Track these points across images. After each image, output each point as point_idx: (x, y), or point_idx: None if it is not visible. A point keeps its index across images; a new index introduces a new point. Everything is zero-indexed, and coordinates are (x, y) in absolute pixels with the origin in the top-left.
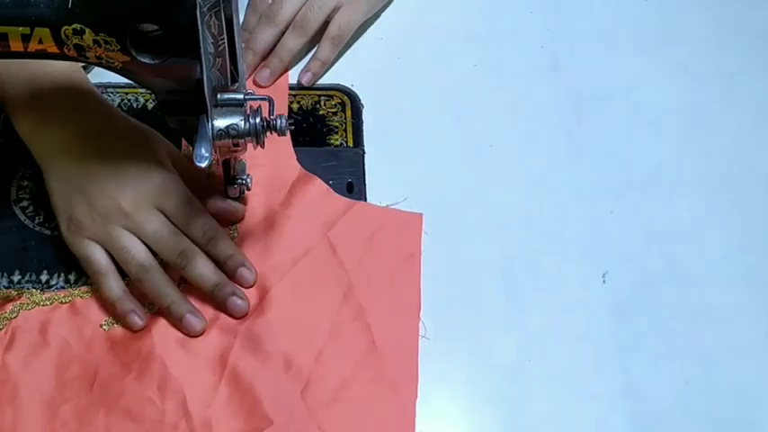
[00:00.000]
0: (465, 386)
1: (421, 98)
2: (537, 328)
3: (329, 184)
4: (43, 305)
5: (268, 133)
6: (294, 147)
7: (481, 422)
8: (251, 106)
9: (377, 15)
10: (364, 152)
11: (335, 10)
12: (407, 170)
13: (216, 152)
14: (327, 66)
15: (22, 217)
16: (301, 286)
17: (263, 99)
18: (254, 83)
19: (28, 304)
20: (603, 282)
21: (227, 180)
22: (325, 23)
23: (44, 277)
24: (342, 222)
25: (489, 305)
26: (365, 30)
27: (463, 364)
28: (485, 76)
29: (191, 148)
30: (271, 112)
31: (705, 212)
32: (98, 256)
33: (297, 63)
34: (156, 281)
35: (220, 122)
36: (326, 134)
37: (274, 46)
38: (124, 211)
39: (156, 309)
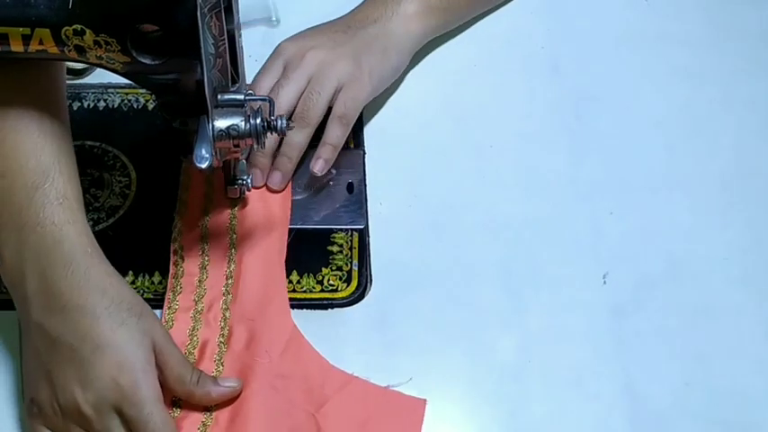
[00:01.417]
0: (465, 386)
1: (421, 98)
2: (537, 328)
3: (329, 185)
4: None
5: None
6: None
7: (481, 422)
8: (251, 107)
9: None
10: (365, 152)
11: (337, 92)
12: (407, 170)
13: (216, 153)
14: (339, 149)
15: None
16: None
17: (264, 100)
18: (268, 189)
19: None
20: (604, 282)
21: (228, 180)
22: (328, 110)
23: None
24: (334, 402)
25: (489, 305)
26: None
27: (463, 364)
28: (485, 76)
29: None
30: (271, 112)
31: (705, 212)
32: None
33: None
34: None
35: (221, 123)
36: None
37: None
38: (85, 415)
39: None
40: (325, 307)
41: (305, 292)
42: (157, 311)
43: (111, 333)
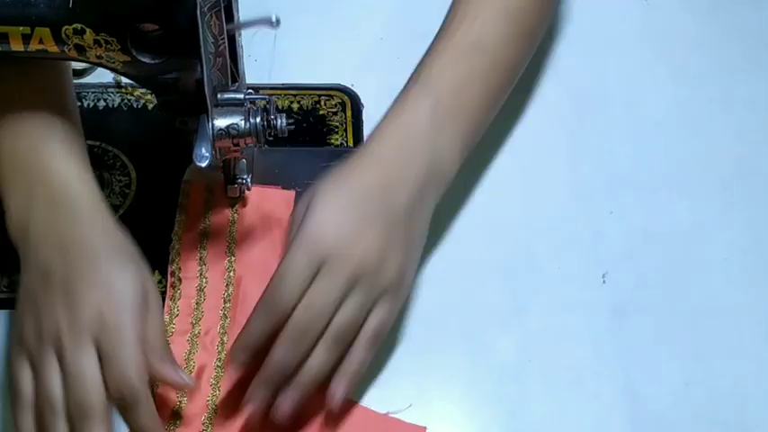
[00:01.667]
0: (465, 386)
1: None
2: (537, 328)
3: None
4: None
5: None
6: (294, 147)
7: (481, 422)
8: (251, 106)
9: (377, 15)
10: None
11: (380, 297)
12: None
13: (216, 152)
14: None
15: None
16: None
17: (264, 99)
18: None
19: None
20: (603, 282)
21: (228, 180)
22: None
23: None
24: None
25: (489, 305)
26: (365, 30)
27: (463, 364)
28: None
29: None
30: (271, 111)
31: (705, 213)
32: (24, 384)
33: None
34: (53, 426)
35: (221, 122)
36: (326, 134)
37: None
38: (61, 340)
39: None
40: None
41: None
42: None
43: (107, 272)
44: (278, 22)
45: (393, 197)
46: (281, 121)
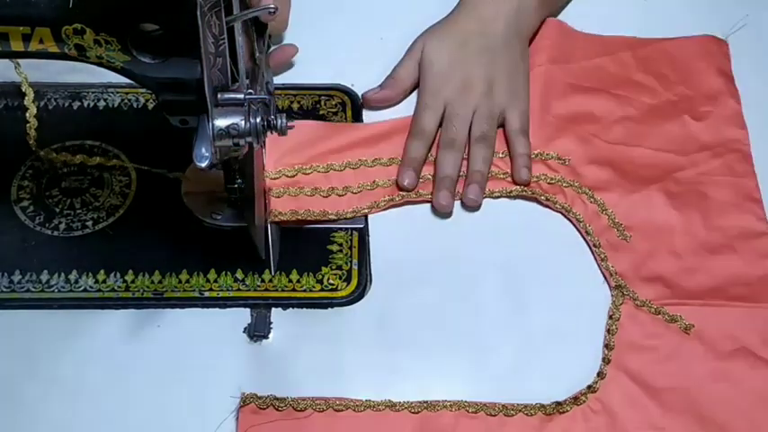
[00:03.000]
0: (465, 386)
1: None
2: (537, 328)
3: None
4: None
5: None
6: None
7: None
8: (251, 106)
9: (377, 15)
10: None
11: (503, 111)
12: None
13: (216, 152)
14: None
15: (22, 217)
16: None
17: (264, 99)
18: (469, 204)
19: None
20: (604, 282)
21: (228, 180)
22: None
23: (44, 277)
24: None
25: (489, 305)
26: (365, 30)
27: (463, 364)
28: None
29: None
30: (271, 111)
31: None
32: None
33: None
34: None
35: (221, 122)
36: None
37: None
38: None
39: None
40: (325, 306)
41: (305, 291)
42: (157, 309)
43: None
44: (276, 10)
45: (490, 31)
46: (281, 121)
